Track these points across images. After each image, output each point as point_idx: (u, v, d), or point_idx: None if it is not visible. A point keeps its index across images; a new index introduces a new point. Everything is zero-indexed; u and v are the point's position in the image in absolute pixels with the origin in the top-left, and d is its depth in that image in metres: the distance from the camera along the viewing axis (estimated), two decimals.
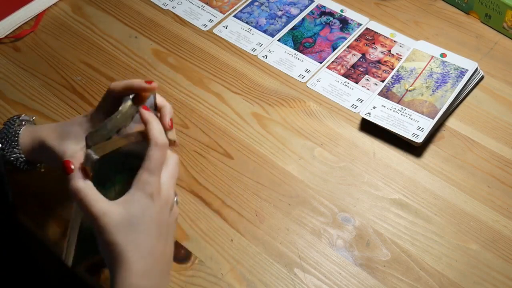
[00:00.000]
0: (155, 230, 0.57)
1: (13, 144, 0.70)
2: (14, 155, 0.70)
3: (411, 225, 0.72)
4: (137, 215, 0.56)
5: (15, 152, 0.70)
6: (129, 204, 0.57)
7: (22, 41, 0.96)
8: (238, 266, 0.69)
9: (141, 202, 0.57)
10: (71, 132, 0.68)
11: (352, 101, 0.84)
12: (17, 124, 0.72)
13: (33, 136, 0.71)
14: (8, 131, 0.71)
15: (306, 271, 0.68)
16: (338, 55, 0.90)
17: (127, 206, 0.57)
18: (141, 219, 0.56)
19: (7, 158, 0.70)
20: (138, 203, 0.57)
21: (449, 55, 0.85)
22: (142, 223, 0.56)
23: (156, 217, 0.57)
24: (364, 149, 0.79)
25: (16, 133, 0.71)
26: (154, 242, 0.57)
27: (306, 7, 0.97)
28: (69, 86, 0.89)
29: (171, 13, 0.98)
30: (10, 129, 0.71)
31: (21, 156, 0.71)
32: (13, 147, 0.70)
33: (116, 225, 0.56)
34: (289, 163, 0.78)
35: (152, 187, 0.57)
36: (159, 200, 0.58)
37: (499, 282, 0.67)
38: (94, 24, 0.97)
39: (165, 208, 0.59)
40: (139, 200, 0.57)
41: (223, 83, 0.88)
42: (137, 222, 0.56)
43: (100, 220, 0.56)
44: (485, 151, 0.78)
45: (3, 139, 0.71)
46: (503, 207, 0.72)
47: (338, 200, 0.74)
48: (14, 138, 0.71)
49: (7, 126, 0.72)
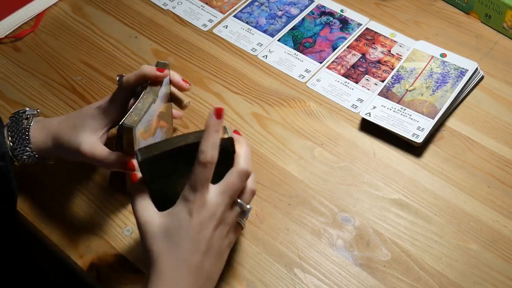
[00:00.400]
0: (190, 244, 0.58)
1: (24, 143, 0.70)
2: (26, 153, 0.70)
3: (411, 225, 0.72)
4: (174, 228, 0.58)
5: (27, 151, 0.70)
6: (170, 216, 0.59)
7: (22, 41, 0.96)
8: (238, 266, 0.69)
9: (179, 215, 0.59)
10: (85, 124, 0.69)
11: (352, 101, 0.84)
12: (24, 118, 0.72)
13: (45, 132, 0.70)
14: (17, 128, 0.70)
15: (306, 271, 0.68)
16: (338, 55, 0.90)
17: (168, 218, 0.59)
18: (177, 232, 0.58)
19: (19, 157, 0.70)
20: (177, 216, 0.59)
21: (449, 55, 0.85)
22: (177, 235, 0.58)
23: (193, 232, 0.58)
24: (364, 149, 0.79)
25: (26, 130, 0.70)
26: (188, 255, 0.58)
27: (306, 7, 0.97)
28: (69, 86, 0.89)
29: (171, 13, 0.98)
30: (19, 126, 0.71)
31: (33, 154, 0.70)
32: (25, 145, 0.70)
33: (153, 234, 0.59)
34: (289, 163, 0.78)
35: (191, 203, 0.58)
36: (198, 216, 0.58)
37: (499, 282, 0.67)
38: (94, 24, 0.97)
39: (207, 224, 0.59)
40: (178, 214, 0.59)
41: (223, 83, 0.88)
42: (173, 234, 0.58)
43: (142, 227, 0.60)
44: (485, 151, 0.78)
45: (14, 137, 0.70)
46: (503, 207, 0.73)
47: (338, 200, 0.74)
48: (25, 136, 0.70)
49: (14, 123, 0.71)
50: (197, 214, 0.58)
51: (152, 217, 0.60)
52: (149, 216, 0.60)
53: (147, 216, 0.60)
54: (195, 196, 0.58)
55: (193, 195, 0.58)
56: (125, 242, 0.72)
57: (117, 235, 0.72)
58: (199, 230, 0.58)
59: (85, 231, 0.73)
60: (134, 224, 0.73)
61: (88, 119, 0.69)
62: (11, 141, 0.70)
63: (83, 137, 0.68)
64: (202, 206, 0.58)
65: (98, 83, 0.89)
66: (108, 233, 0.73)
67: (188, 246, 0.58)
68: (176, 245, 0.58)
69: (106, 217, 0.74)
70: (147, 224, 0.59)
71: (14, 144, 0.70)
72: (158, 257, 0.58)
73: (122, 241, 0.72)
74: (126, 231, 0.73)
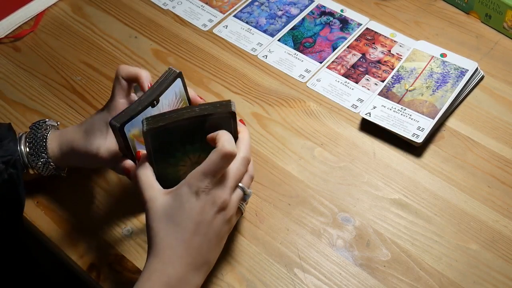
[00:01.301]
0: (191, 225, 0.59)
1: (41, 149, 0.70)
2: (42, 159, 0.70)
3: (411, 225, 0.72)
4: (177, 207, 0.59)
5: (43, 157, 0.70)
6: (173, 196, 0.60)
7: (22, 41, 0.96)
8: (238, 266, 0.69)
9: (184, 196, 0.59)
10: (95, 129, 0.69)
11: (352, 101, 0.84)
12: (43, 128, 0.72)
13: (61, 141, 0.71)
14: (35, 135, 0.71)
15: (306, 271, 0.68)
16: (338, 55, 0.90)
17: (170, 197, 0.60)
18: (180, 212, 0.59)
19: (34, 163, 0.71)
20: (181, 197, 0.59)
21: (449, 55, 0.85)
22: (179, 215, 0.59)
23: (196, 213, 0.59)
24: (364, 149, 0.79)
25: (44, 137, 0.71)
26: (188, 236, 0.59)
27: (306, 7, 0.97)
28: (69, 86, 0.89)
29: (171, 13, 0.98)
30: (37, 133, 0.71)
31: (48, 161, 0.71)
32: (42, 152, 0.70)
33: (156, 212, 0.60)
34: (289, 163, 0.78)
35: (200, 186, 0.59)
36: (204, 199, 0.59)
37: (499, 282, 0.67)
38: (94, 24, 0.97)
39: (210, 208, 0.60)
40: (183, 195, 0.59)
41: (223, 83, 0.88)
42: (175, 213, 0.59)
43: (146, 205, 0.61)
44: (485, 151, 0.78)
45: (31, 144, 0.71)
46: (503, 207, 0.72)
47: (338, 200, 0.74)
48: (43, 143, 0.71)
49: (33, 131, 0.72)
50: (202, 197, 0.59)
51: (156, 195, 0.60)
52: (153, 195, 0.60)
53: (151, 194, 0.61)
54: (202, 182, 0.59)
55: (201, 180, 0.59)
56: (125, 242, 0.72)
57: (117, 235, 0.72)
58: (201, 212, 0.59)
59: (85, 231, 0.73)
60: (134, 224, 0.73)
61: (97, 123, 0.70)
62: (29, 147, 0.71)
63: (98, 142, 0.68)
64: (208, 191, 0.59)
65: (98, 83, 0.89)
66: (108, 233, 0.73)
67: (188, 227, 0.59)
68: (177, 225, 0.59)
69: (106, 217, 0.74)
70: (151, 202, 0.60)
71: (30, 150, 0.71)
72: (157, 235, 0.59)
73: (122, 241, 0.72)
74: (126, 231, 0.73)
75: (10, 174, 0.70)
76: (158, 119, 0.60)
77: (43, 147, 0.71)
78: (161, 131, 0.60)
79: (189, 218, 0.59)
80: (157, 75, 0.89)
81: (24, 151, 0.71)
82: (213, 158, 0.59)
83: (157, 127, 0.59)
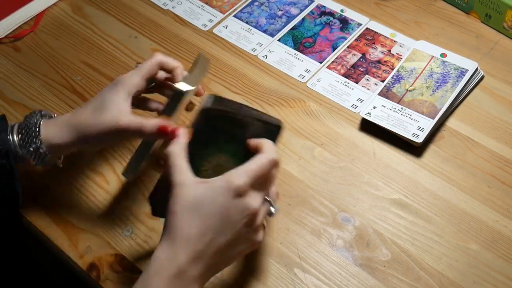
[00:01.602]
0: (218, 222, 0.56)
1: (33, 134, 0.67)
2: (33, 145, 0.67)
3: (411, 225, 0.72)
4: (207, 201, 0.56)
5: (35, 142, 0.67)
6: (207, 187, 0.57)
7: (22, 41, 0.96)
8: (237, 266, 0.69)
9: (218, 191, 0.56)
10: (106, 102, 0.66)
11: (352, 101, 0.84)
12: (37, 116, 0.69)
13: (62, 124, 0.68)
14: (28, 124, 0.68)
15: (306, 271, 0.68)
16: (338, 55, 0.90)
17: (204, 188, 0.57)
18: (209, 205, 0.56)
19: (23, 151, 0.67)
20: (215, 190, 0.57)
21: (449, 55, 0.85)
22: (208, 208, 0.56)
23: (226, 211, 0.56)
24: (364, 149, 0.79)
25: (37, 124, 0.67)
26: (210, 231, 0.56)
27: (306, 7, 0.97)
28: (69, 86, 0.89)
29: (171, 13, 0.98)
30: (30, 121, 0.68)
31: (40, 147, 0.67)
32: (33, 138, 0.67)
33: (184, 199, 0.57)
34: (289, 163, 0.78)
35: (240, 187, 0.56)
36: (237, 201, 0.57)
37: (499, 282, 0.67)
38: (94, 24, 0.97)
39: (241, 212, 0.57)
40: (218, 189, 0.57)
41: (223, 83, 0.88)
42: (204, 206, 0.56)
43: (175, 189, 0.57)
44: (485, 151, 0.78)
45: (23, 130, 0.67)
46: (503, 207, 0.72)
47: (338, 200, 0.74)
48: (35, 128, 0.67)
49: (27, 119, 0.69)
50: (236, 198, 0.56)
51: (187, 182, 0.57)
52: (184, 180, 0.57)
53: (182, 179, 0.57)
54: (242, 180, 0.56)
55: (243, 179, 0.56)
56: (125, 242, 0.72)
57: (117, 235, 0.72)
58: (230, 212, 0.56)
59: (85, 231, 0.73)
60: (134, 224, 0.73)
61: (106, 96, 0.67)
62: (20, 136, 0.67)
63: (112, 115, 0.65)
64: (244, 194, 0.57)
65: (98, 83, 0.89)
66: (108, 233, 0.73)
67: (214, 223, 0.56)
68: (202, 216, 0.56)
69: (106, 217, 0.74)
70: (181, 187, 0.57)
71: (21, 136, 0.67)
72: (178, 223, 0.56)
73: (122, 241, 0.72)
74: (126, 231, 0.73)
75: (2, 165, 0.66)
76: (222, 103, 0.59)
77: (35, 132, 0.67)
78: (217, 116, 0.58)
79: (217, 214, 0.56)
80: None
81: (16, 140, 0.67)
82: (259, 161, 0.57)
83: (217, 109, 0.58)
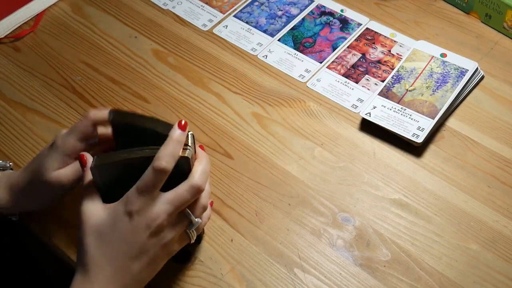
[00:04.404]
0: (123, 246, 0.57)
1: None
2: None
3: (411, 225, 0.72)
4: (109, 225, 0.58)
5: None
6: (109, 213, 0.58)
7: (22, 41, 0.96)
8: (238, 266, 0.69)
9: (117, 215, 0.57)
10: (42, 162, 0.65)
11: (352, 101, 0.84)
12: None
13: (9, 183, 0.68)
14: None
15: (306, 271, 0.68)
16: (338, 55, 0.90)
17: (107, 214, 0.58)
18: (111, 230, 0.57)
19: None
20: (115, 215, 0.58)
21: (449, 55, 0.85)
22: (111, 234, 0.57)
23: (128, 234, 0.57)
24: (364, 149, 0.79)
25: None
26: (118, 256, 0.57)
27: (306, 7, 0.97)
28: (69, 86, 0.89)
29: (171, 13, 0.98)
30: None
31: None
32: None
33: (90, 227, 0.58)
34: (289, 163, 0.78)
35: (134, 205, 0.57)
36: (137, 219, 0.57)
37: (499, 282, 0.67)
38: (94, 24, 0.97)
39: (143, 231, 0.57)
40: (117, 213, 0.58)
41: (223, 83, 0.88)
42: (107, 231, 0.58)
43: (80, 216, 0.59)
44: (485, 151, 0.78)
45: None
46: (503, 207, 0.72)
47: (338, 200, 0.74)
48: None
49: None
50: (135, 217, 0.57)
51: (93, 210, 0.58)
52: (90, 209, 0.58)
53: (89, 208, 0.58)
54: (138, 199, 0.57)
55: (136, 197, 0.57)
56: None
57: None
58: (133, 233, 0.57)
59: None
60: None
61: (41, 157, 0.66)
62: None
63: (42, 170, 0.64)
64: (142, 211, 0.57)
65: (98, 83, 0.89)
66: None
67: (119, 247, 0.57)
68: (108, 244, 0.57)
69: None
70: (86, 214, 0.58)
71: None
72: (87, 252, 0.57)
73: None
74: None
75: None
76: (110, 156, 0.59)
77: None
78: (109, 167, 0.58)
79: (121, 238, 0.57)
80: (157, 75, 0.89)
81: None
82: (146, 174, 0.56)
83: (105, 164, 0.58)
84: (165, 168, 0.56)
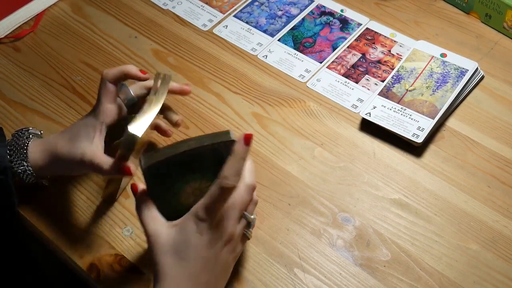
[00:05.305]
0: (199, 261, 0.58)
1: (21, 157, 0.70)
2: (21, 167, 0.70)
3: (411, 225, 0.72)
4: (183, 242, 0.58)
5: (23, 165, 0.70)
6: (179, 230, 0.59)
7: (22, 41, 0.96)
8: (238, 266, 0.69)
9: (189, 232, 0.58)
10: (80, 133, 0.69)
11: (352, 101, 0.84)
12: (25, 136, 0.72)
13: (43, 148, 0.70)
14: (17, 143, 0.71)
15: (306, 271, 0.68)
16: (338, 55, 0.90)
17: (177, 231, 0.59)
18: (186, 248, 0.58)
19: (15, 170, 0.70)
20: (187, 233, 0.58)
21: (449, 55, 0.85)
22: (186, 251, 0.58)
23: (203, 250, 0.58)
24: (364, 149, 0.79)
25: (25, 145, 0.70)
26: (195, 272, 0.58)
27: (306, 7, 0.97)
28: (69, 86, 0.89)
29: (171, 13, 0.98)
30: (19, 141, 0.71)
31: (28, 169, 0.70)
32: (22, 159, 0.70)
33: (162, 247, 0.59)
34: (289, 163, 0.78)
35: (203, 222, 0.58)
36: (210, 235, 0.58)
37: (499, 282, 0.67)
38: (94, 24, 0.97)
39: (217, 243, 0.59)
40: (188, 229, 0.58)
41: (223, 83, 0.88)
42: (181, 249, 0.58)
43: (150, 239, 0.59)
44: (485, 151, 0.78)
45: (12, 151, 0.70)
46: (503, 207, 0.72)
47: (338, 200, 0.74)
48: (23, 150, 0.70)
49: (15, 138, 0.71)
50: (208, 232, 0.58)
51: (160, 229, 0.59)
52: (157, 227, 0.59)
53: (155, 227, 0.59)
54: (208, 216, 0.58)
55: (206, 214, 0.58)
56: (125, 242, 0.72)
57: (117, 235, 0.72)
58: (208, 247, 0.58)
59: (85, 231, 0.73)
60: (134, 224, 0.73)
61: (82, 127, 0.69)
62: (10, 155, 0.70)
63: (82, 147, 0.68)
64: (213, 226, 0.58)
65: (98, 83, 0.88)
66: (108, 233, 0.73)
67: (196, 263, 0.58)
68: (184, 260, 0.58)
69: (106, 217, 0.74)
70: (156, 236, 0.59)
71: (11, 156, 0.70)
72: (164, 271, 0.58)
73: (122, 241, 0.72)
74: (126, 231, 0.73)
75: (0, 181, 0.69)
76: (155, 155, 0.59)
77: (24, 154, 0.70)
78: (159, 166, 0.59)
79: (196, 254, 0.58)
80: None
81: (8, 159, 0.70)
82: (214, 192, 0.57)
83: (155, 162, 0.58)
84: (232, 186, 0.58)
